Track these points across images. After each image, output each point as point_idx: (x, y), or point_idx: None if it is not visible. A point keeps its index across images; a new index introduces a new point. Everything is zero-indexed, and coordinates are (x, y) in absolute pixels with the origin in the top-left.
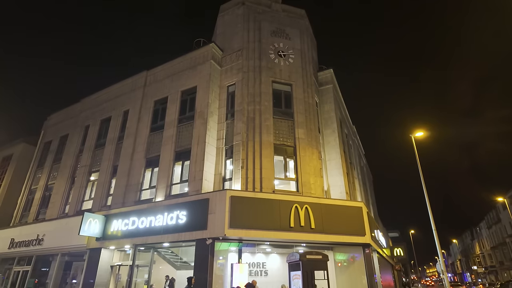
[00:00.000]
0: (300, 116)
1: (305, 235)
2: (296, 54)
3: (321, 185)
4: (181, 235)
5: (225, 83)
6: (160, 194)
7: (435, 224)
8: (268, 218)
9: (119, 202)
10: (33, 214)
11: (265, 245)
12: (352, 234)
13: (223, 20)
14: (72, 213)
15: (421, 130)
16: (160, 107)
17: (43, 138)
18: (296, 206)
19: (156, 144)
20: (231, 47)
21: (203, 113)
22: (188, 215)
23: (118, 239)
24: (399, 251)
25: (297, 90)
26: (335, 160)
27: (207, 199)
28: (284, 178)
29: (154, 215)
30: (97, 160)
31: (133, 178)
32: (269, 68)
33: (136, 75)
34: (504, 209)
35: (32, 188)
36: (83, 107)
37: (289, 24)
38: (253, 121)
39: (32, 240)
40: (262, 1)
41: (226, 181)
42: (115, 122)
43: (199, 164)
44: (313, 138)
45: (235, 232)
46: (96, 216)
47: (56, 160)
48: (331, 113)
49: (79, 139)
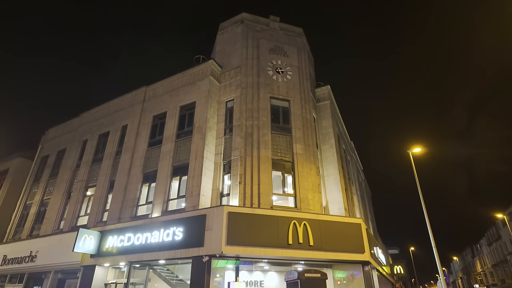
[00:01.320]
0: (298, 131)
1: (303, 252)
2: (293, 71)
3: (319, 201)
4: (177, 252)
5: (223, 98)
6: (156, 210)
7: (435, 241)
8: (266, 235)
9: (115, 218)
10: (27, 230)
11: (263, 262)
12: (351, 251)
13: (222, 38)
14: (67, 229)
15: (419, 146)
16: (159, 122)
17: (41, 153)
18: (295, 222)
19: (154, 159)
20: (230, 64)
21: (201, 128)
22: (185, 232)
23: (113, 256)
24: (399, 268)
25: (295, 106)
26: (333, 176)
27: (204, 215)
28: (282, 193)
29: (150, 231)
30: (94, 175)
31: (130, 194)
32: (267, 85)
33: (135, 90)
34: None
35: (27, 203)
36: (81, 121)
37: (287, 42)
38: (251, 136)
39: (24, 257)
40: (261, 20)
41: (223, 196)
42: (113, 137)
43: (196, 179)
44: (311, 154)
45: (232, 249)
46: (91, 232)
47: (53, 174)
48: (329, 129)
49: (76, 153)
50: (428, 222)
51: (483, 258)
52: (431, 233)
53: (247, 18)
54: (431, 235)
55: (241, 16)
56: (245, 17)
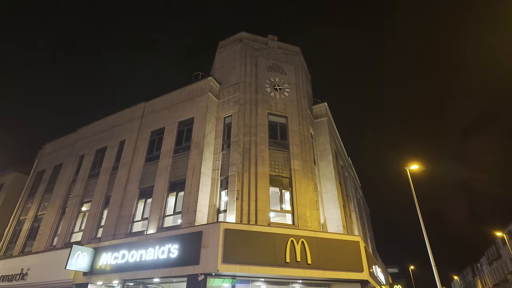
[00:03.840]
0: (296, 147)
1: (301, 271)
2: (291, 88)
3: (317, 218)
4: (172, 270)
5: (221, 114)
6: (152, 226)
7: (435, 260)
8: (263, 253)
9: (109, 234)
10: (19, 246)
11: (259, 281)
12: (349, 270)
13: (221, 56)
14: (61, 245)
15: (416, 163)
16: (157, 137)
17: (37, 167)
18: (292, 240)
19: (151, 174)
20: (228, 81)
21: (199, 144)
22: (180, 249)
23: (107, 273)
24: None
25: (293, 123)
26: (331, 193)
27: (200, 232)
28: (280, 210)
29: (145, 249)
30: (90, 190)
31: (126, 210)
32: (265, 101)
33: (134, 106)
34: (504, 244)
35: (20, 219)
36: (79, 136)
37: (284, 60)
38: (249, 152)
39: (15, 275)
40: (259, 39)
41: (220, 213)
42: (110, 152)
43: (193, 195)
44: (308, 170)
45: (228, 267)
46: (85, 249)
47: (48, 190)
48: (326, 145)
49: (73, 168)
50: (427, 240)
51: (484, 277)
52: (431, 252)
53: (245, 37)
54: (430, 254)
55: (240, 35)
56: (244, 36)
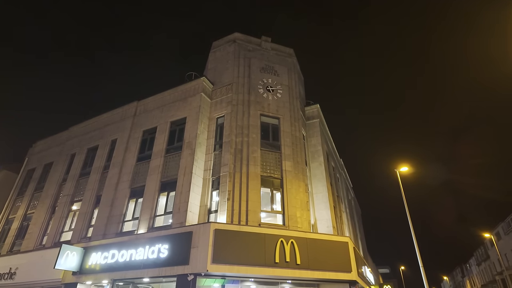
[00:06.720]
0: (287, 148)
1: (290, 271)
2: (284, 89)
3: (307, 219)
4: (161, 270)
5: (214, 115)
6: (142, 226)
7: (422, 261)
8: (253, 253)
9: (100, 234)
10: (7, 245)
11: (249, 281)
12: (338, 270)
13: (215, 56)
14: (50, 244)
15: (406, 165)
16: (149, 137)
17: (27, 166)
18: (282, 240)
19: (142, 174)
20: (221, 81)
21: (191, 144)
22: (170, 249)
23: (96, 273)
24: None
25: (285, 124)
26: (321, 194)
27: (190, 232)
28: (271, 211)
29: (135, 248)
30: (80, 189)
31: (116, 209)
32: (257, 102)
33: (126, 105)
34: (492, 245)
35: (9, 218)
36: (70, 135)
37: (277, 61)
38: (241, 153)
39: (3, 274)
40: (253, 40)
41: (211, 213)
42: (102, 151)
43: (184, 195)
44: (300, 171)
45: (218, 267)
46: (74, 249)
47: (38, 188)
48: (318, 147)
49: (63, 167)
50: (415, 241)
51: (473, 278)
52: (418, 252)
53: (239, 38)
54: (418, 254)
55: (233, 36)
56: (238, 37)
